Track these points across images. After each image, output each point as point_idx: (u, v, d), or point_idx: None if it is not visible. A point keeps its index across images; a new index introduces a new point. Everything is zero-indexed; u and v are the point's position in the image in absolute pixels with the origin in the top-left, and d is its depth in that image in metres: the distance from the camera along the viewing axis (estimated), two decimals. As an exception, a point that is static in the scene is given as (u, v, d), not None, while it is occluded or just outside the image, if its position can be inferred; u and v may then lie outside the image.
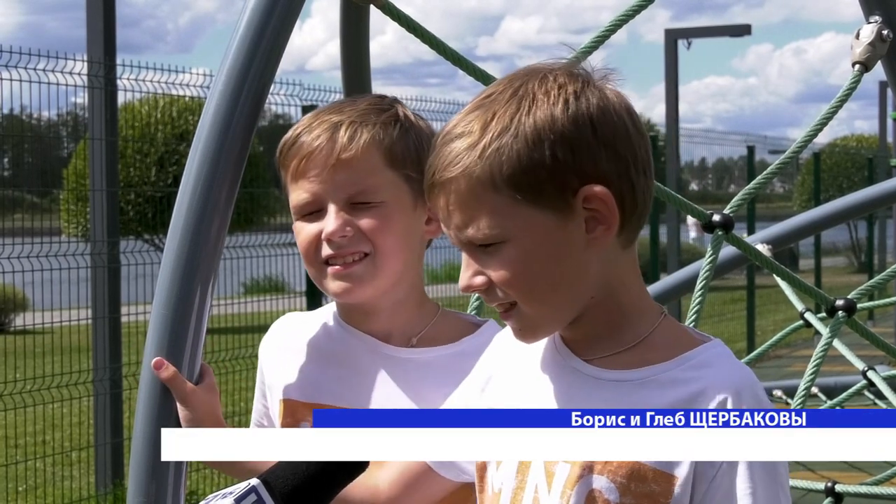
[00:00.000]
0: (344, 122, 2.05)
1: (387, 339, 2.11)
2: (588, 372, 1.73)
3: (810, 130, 3.20)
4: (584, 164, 1.65)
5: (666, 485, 1.66)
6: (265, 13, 2.14)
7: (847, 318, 3.53)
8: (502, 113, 1.66)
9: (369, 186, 2.04)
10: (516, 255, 1.66)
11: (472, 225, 1.66)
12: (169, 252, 2.07)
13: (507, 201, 1.65)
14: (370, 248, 2.05)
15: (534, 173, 1.64)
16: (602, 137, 1.66)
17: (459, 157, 1.66)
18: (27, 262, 7.38)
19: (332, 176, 2.04)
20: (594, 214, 1.66)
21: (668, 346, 1.72)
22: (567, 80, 1.68)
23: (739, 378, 1.69)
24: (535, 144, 1.63)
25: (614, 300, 1.72)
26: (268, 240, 9.78)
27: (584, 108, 1.66)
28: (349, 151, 2.03)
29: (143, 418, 2.04)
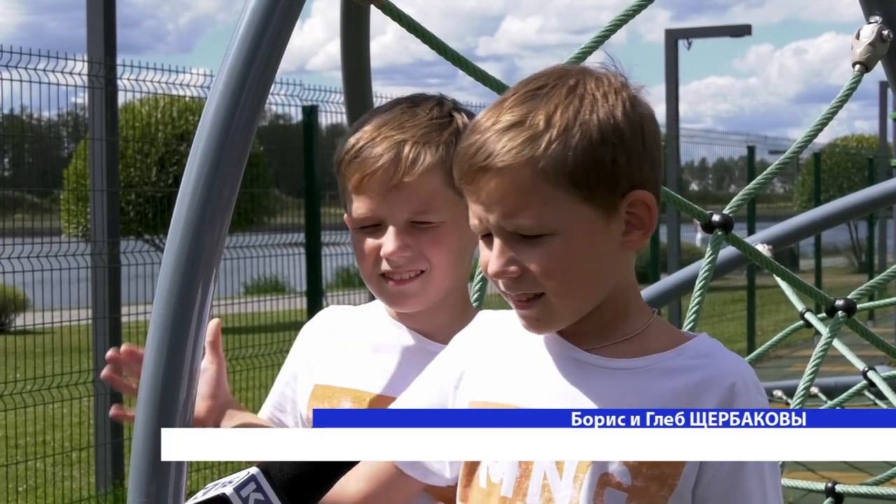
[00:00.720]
0: (408, 142, 2.05)
1: (430, 338, 2.15)
2: (590, 361, 1.76)
3: (810, 131, 3.20)
4: (633, 169, 1.71)
5: (676, 466, 1.69)
6: (265, 13, 2.14)
7: (847, 319, 3.53)
8: (564, 108, 1.69)
9: (430, 208, 2.07)
10: (562, 248, 1.69)
11: (524, 214, 1.69)
12: (169, 252, 2.07)
13: (564, 195, 1.68)
14: (427, 266, 2.09)
15: (594, 172, 1.68)
16: (647, 146, 1.73)
17: (522, 146, 1.68)
18: (27, 263, 7.38)
19: (394, 196, 2.06)
20: (634, 218, 1.73)
21: (663, 338, 1.78)
22: (621, 86, 1.74)
23: (742, 365, 1.76)
24: (599, 144, 1.68)
25: (621, 298, 1.78)
26: (268, 240, 9.78)
27: (638, 115, 1.72)
28: (412, 175, 2.05)
29: (143, 418, 2.04)
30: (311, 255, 8.84)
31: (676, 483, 1.70)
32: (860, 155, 27.64)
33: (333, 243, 9.98)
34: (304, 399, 2.21)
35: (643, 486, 1.69)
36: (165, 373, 2.03)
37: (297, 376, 2.26)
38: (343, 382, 2.17)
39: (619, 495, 1.70)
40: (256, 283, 11.47)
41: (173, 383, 2.03)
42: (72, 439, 8.63)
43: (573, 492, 1.71)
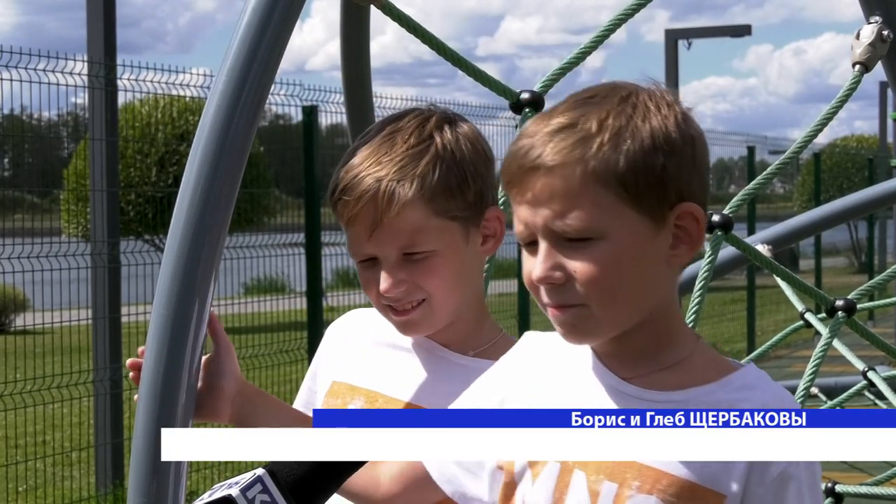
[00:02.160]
0: (383, 181, 2.03)
1: (447, 347, 2.15)
2: (630, 392, 1.73)
3: (810, 131, 3.20)
4: (683, 182, 1.69)
5: (715, 502, 1.67)
6: (265, 13, 2.14)
7: (847, 319, 3.53)
8: (617, 114, 1.68)
9: (416, 241, 2.05)
10: (608, 253, 1.66)
11: (572, 214, 1.66)
12: (169, 252, 2.07)
13: (613, 198, 1.66)
14: (425, 295, 2.08)
15: (644, 177, 1.66)
16: (697, 162, 1.72)
17: (575, 146, 1.67)
18: (27, 263, 7.38)
19: (379, 236, 2.05)
20: (681, 232, 1.70)
21: (706, 369, 1.74)
22: (673, 100, 1.73)
23: (785, 399, 1.71)
24: (650, 150, 1.67)
25: (665, 320, 1.74)
26: (268, 240, 9.78)
27: (689, 131, 1.72)
28: (390, 214, 2.03)
29: (143, 418, 2.04)
30: (310, 256, 8.84)
31: None
32: (860, 155, 27.65)
33: (333, 243, 9.98)
34: (322, 394, 2.22)
35: None
36: (165, 373, 2.03)
37: (316, 375, 2.27)
38: (358, 381, 2.17)
39: None
40: (256, 283, 11.47)
41: (173, 383, 2.03)
42: (72, 439, 8.63)
43: None
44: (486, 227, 2.11)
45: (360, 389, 2.16)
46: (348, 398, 2.16)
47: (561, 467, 1.73)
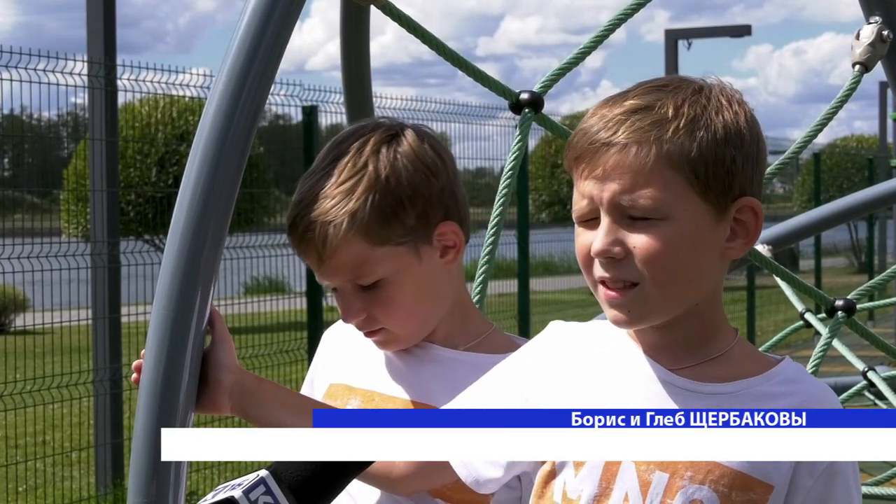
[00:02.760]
0: (318, 221, 2.05)
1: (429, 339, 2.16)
2: (679, 384, 1.74)
3: (810, 131, 3.20)
4: (746, 178, 1.73)
5: (763, 493, 1.69)
6: (265, 13, 2.14)
7: (847, 319, 3.53)
8: (692, 103, 1.72)
9: (362, 273, 2.07)
10: (670, 234, 1.69)
11: (641, 192, 1.69)
12: (169, 252, 2.07)
13: (682, 182, 1.69)
14: (382, 325, 2.11)
15: (714, 167, 1.70)
16: (760, 162, 1.76)
17: (651, 127, 1.70)
18: (27, 263, 7.38)
19: (325, 272, 2.10)
20: (739, 226, 1.74)
21: (749, 361, 1.78)
22: (741, 99, 1.78)
23: (827, 391, 1.77)
24: (723, 142, 1.71)
25: (710, 312, 1.77)
26: (268, 240, 9.78)
27: (756, 128, 1.77)
28: (327, 253, 2.06)
29: (143, 418, 2.04)
30: (310, 256, 8.82)
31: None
32: (860, 155, 27.65)
33: (333, 243, 9.95)
34: (320, 397, 2.23)
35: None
36: (165, 373, 2.03)
37: (313, 381, 2.28)
38: (354, 382, 2.18)
39: None
40: (256, 283, 11.47)
41: (173, 383, 2.02)
42: (72, 439, 8.63)
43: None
44: (442, 240, 2.11)
45: (356, 389, 2.17)
46: (345, 399, 2.17)
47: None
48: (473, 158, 12.94)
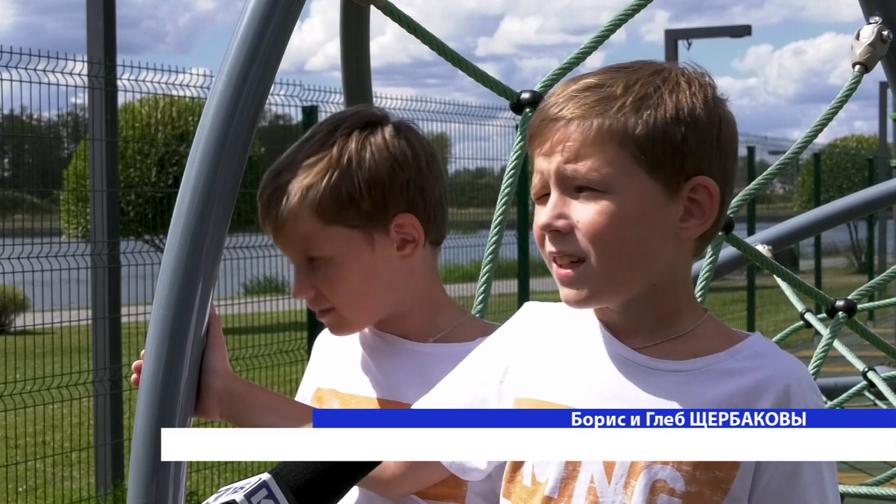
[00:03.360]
0: (277, 191, 2.10)
1: (406, 338, 2.16)
2: (640, 361, 1.75)
3: (810, 131, 3.20)
4: (703, 158, 1.72)
5: (729, 471, 1.68)
6: (265, 13, 2.14)
7: (847, 319, 3.53)
8: (646, 82, 1.73)
9: (311, 247, 2.10)
10: (614, 208, 1.69)
11: (584, 162, 1.70)
12: (169, 252, 2.07)
13: (629, 158, 1.70)
14: (330, 305, 2.13)
15: (662, 144, 1.70)
16: (722, 143, 1.75)
17: (597, 103, 1.71)
18: (27, 263, 7.38)
19: (281, 242, 2.14)
20: (694, 206, 1.72)
21: (716, 338, 1.76)
22: (707, 81, 1.77)
23: (796, 365, 1.74)
24: (672, 120, 1.70)
25: (672, 294, 1.76)
26: (268, 240, 9.73)
27: (718, 111, 1.75)
28: (282, 225, 2.10)
29: (143, 418, 2.04)
30: (310, 256, 8.82)
31: (730, 487, 1.68)
32: (860, 155, 27.65)
33: (333, 244, 9.95)
34: (309, 402, 2.23)
35: (697, 492, 1.68)
36: (165, 373, 2.03)
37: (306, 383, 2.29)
38: (336, 385, 2.19)
39: (672, 502, 1.68)
40: (256, 283, 11.47)
41: (173, 383, 2.02)
42: (72, 440, 8.63)
43: (623, 497, 1.69)
44: (400, 232, 2.11)
45: (339, 393, 2.17)
46: (325, 402, 2.18)
47: None
48: (473, 158, 12.95)
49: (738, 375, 1.71)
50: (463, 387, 1.89)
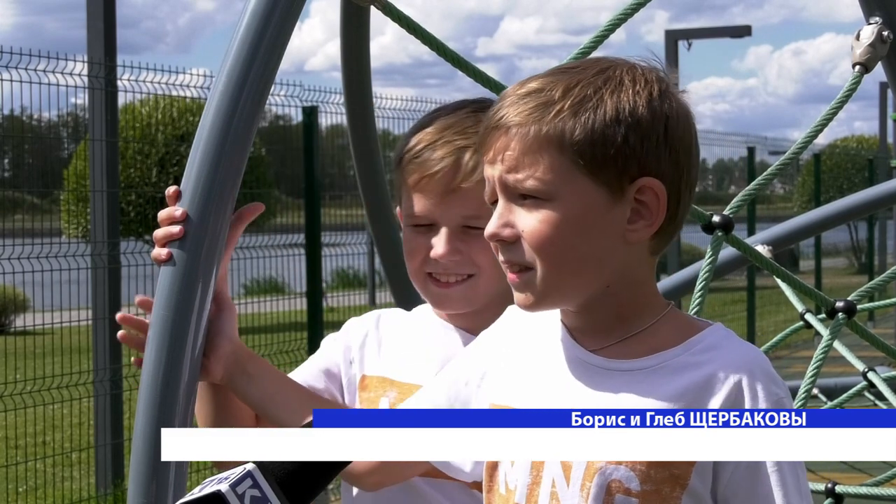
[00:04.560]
0: (469, 149, 2.08)
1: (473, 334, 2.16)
2: (595, 363, 1.74)
3: (810, 131, 3.20)
4: (649, 157, 1.69)
5: (685, 468, 1.67)
6: (265, 14, 2.14)
7: (847, 320, 3.53)
8: (587, 84, 1.70)
9: (483, 213, 2.08)
10: (557, 216, 1.68)
11: (524, 171, 1.70)
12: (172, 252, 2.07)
13: (568, 164, 1.68)
14: (475, 271, 2.12)
15: (602, 147, 1.68)
16: (671, 140, 1.71)
17: (535, 109, 1.70)
18: (28, 263, 7.37)
19: (450, 200, 2.10)
20: (641, 207, 1.70)
21: (673, 333, 1.74)
22: (654, 78, 1.74)
23: (750, 356, 1.71)
24: (611, 121, 1.68)
25: (628, 295, 1.74)
26: (268, 241, 9.78)
27: (664, 107, 1.71)
28: (470, 181, 2.07)
29: (143, 419, 2.04)
30: (310, 256, 8.84)
31: (688, 482, 1.67)
32: (860, 156, 27.64)
33: (333, 244, 9.97)
34: (353, 388, 2.23)
35: (654, 490, 1.67)
36: (165, 373, 2.03)
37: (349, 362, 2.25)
38: (391, 374, 2.19)
39: (629, 501, 1.68)
40: (256, 283, 11.47)
41: (173, 383, 2.03)
42: (72, 440, 8.62)
43: (580, 500, 1.70)
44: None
45: (395, 382, 2.18)
46: (381, 391, 2.18)
47: None
48: (473, 159, 12.92)
49: (692, 370, 1.70)
50: (446, 385, 1.91)
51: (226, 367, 2.07)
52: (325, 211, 9.32)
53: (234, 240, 2.14)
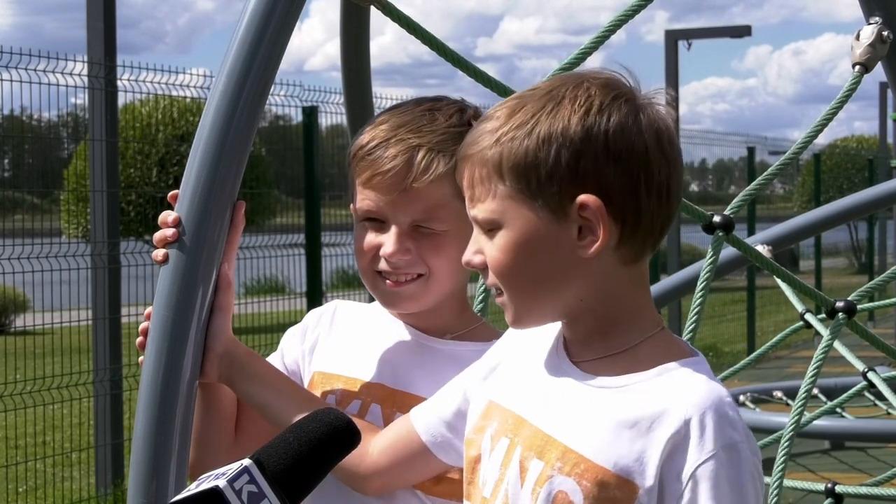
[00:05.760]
0: (422, 148, 2.06)
1: (426, 333, 2.17)
2: (575, 376, 1.77)
3: (810, 131, 3.20)
4: (587, 175, 1.68)
5: (629, 492, 1.67)
6: (265, 14, 2.14)
7: (847, 320, 3.53)
8: (529, 108, 1.72)
9: (435, 215, 2.08)
10: (506, 242, 1.72)
11: (478, 203, 1.75)
12: (170, 253, 2.07)
13: (509, 190, 1.71)
14: (425, 271, 2.10)
15: (535, 170, 1.69)
16: (614, 153, 1.69)
17: (482, 137, 1.74)
18: (28, 263, 7.38)
19: (401, 199, 2.07)
20: (587, 224, 1.70)
21: (653, 357, 1.74)
22: (598, 91, 1.72)
23: (708, 397, 1.68)
24: (542, 144, 1.69)
25: (605, 308, 1.75)
26: (268, 241, 9.78)
27: (602, 121, 1.69)
28: (421, 182, 2.06)
29: (143, 418, 2.04)
30: (311, 256, 8.84)
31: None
32: (860, 156, 27.64)
33: (333, 244, 9.98)
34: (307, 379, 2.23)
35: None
36: (165, 373, 2.03)
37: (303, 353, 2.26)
38: (339, 370, 2.18)
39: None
40: (256, 283, 11.47)
41: (173, 383, 2.03)
42: (72, 440, 8.62)
43: (529, 502, 1.72)
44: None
45: (340, 377, 2.17)
46: (328, 387, 2.17)
47: (509, 443, 1.77)
48: (473, 159, 12.91)
49: (652, 398, 1.69)
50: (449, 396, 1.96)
51: (221, 368, 2.07)
52: (325, 211, 9.32)
53: (234, 240, 2.13)
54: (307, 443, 1.63)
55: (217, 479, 1.56)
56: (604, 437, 1.68)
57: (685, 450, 1.65)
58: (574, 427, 1.71)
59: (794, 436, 3.51)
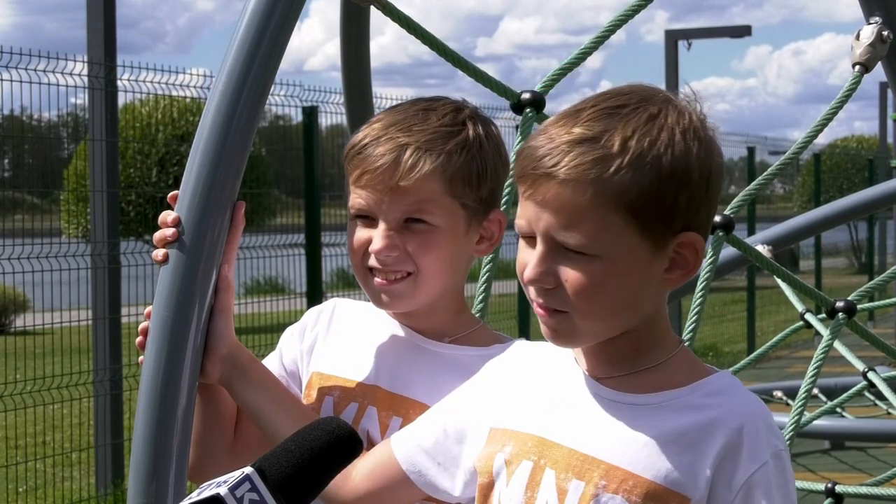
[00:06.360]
0: (410, 146, 2.06)
1: (422, 334, 2.17)
2: (604, 395, 1.76)
3: (810, 131, 3.20)
4: (691, 212, 1.71)
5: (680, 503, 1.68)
6: (265, 14, 2.14)
7: (847, 320, 3.54)
8: (641, 136, 1.68)
9: (424, 212, 2.08)
10: (603, 272, 1.69)
11: (576, 230, 1.68)
12: (170, 252, 2.07)
13: (620, 222, 1.68)
14: (414, 269, 2.09)
15: (654, 206, 1.68)
16: (710, 192, 1.73)
17: (592, 164, 1.67)
18: (28, 263, 7.38)
19: (389, 196, 2.08)
20: (680, 258, 1.72)
21: (683, 373, 1.76)
22: (700, 125, 1.73)
23: (755, 407, 1.73)
24: (666, 182, 1.68)
25: (648, 330, 1.77)
26: (268, 241, 9.78)
27: (710, 162, 1.72)
28: (408, 179, 2.05)
29: (143, 419, 2.04)
30: (311, 256, 8.84)
31: None
32: (860, 156, 27.64)
33: (333, 244, 9.97)
34: (302, 386, 2.23)
35: None
36: (165, 373, 2.03)
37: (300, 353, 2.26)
38: (337, 371, 2.18)
39: None
40: (256, 283, 11.47)
41: (173, 384, 2.03)
42: (72, 440, 8.62)
43: None
44: (487, 228, 2.14)
45: (338, 378, 2.17)
46: (326, 388, 2.17)
47: (533, 466, 1.76)
48: (473, 159, 12.89)
49: (696, 412, 1.71)
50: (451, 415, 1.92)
51: (222, 370, 2.07)
52: (325, 211, 9.32)
53: (234, 240, 2.13)
54: (309, 451, 1.63)
55: (219, 486, 1.56)
56: (649, 452, 1.69)
57: (737, 459, 1.68)
58: (614, 445, 1.71)
59: (795, 435, 3.51)
